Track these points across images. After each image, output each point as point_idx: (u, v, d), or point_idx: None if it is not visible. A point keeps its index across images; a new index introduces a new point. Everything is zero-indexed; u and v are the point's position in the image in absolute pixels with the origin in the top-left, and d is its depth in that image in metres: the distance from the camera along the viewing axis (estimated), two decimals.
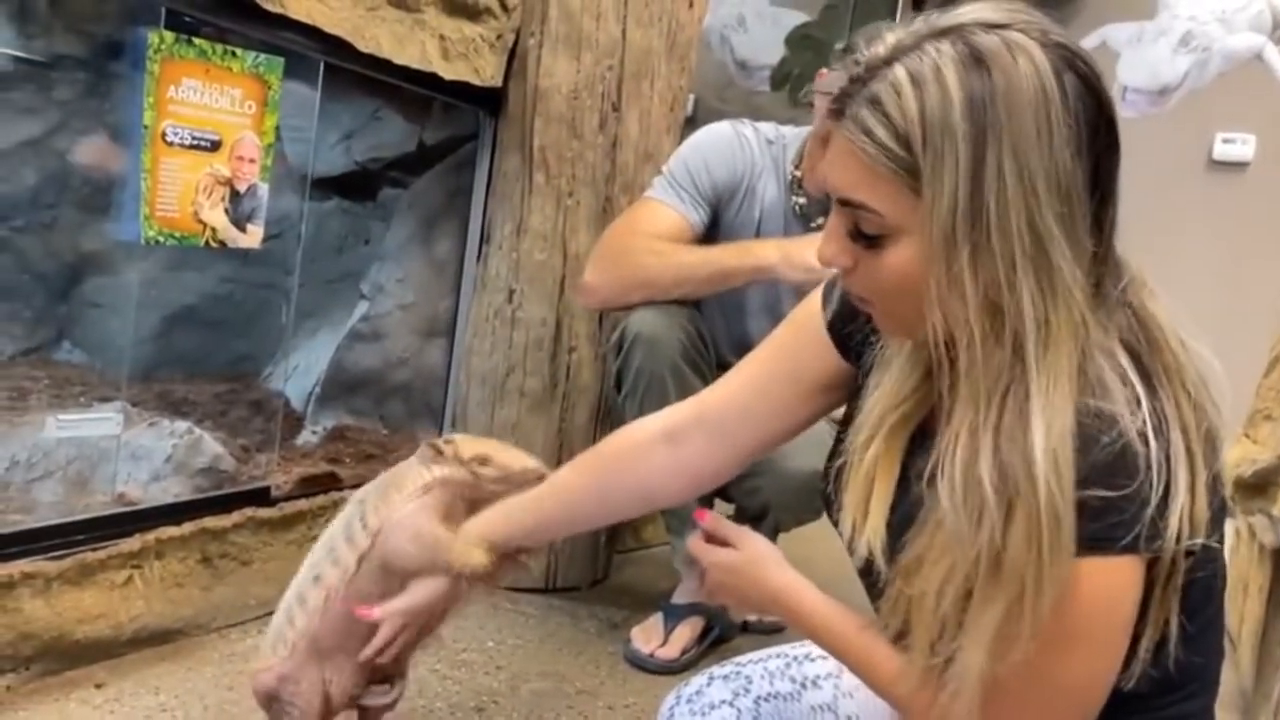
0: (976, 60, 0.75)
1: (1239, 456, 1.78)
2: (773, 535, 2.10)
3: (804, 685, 1.12)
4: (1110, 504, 0.74)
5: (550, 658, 1.83)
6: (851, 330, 0.99)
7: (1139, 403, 0.76)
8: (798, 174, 1.88)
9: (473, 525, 1.14)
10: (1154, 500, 0.74)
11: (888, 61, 0.78)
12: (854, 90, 0.80)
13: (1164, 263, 0.88)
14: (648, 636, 1.89)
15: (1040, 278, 0.75)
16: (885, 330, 0.91)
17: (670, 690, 1.20)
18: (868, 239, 0.82)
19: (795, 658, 1.21)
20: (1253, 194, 3.81)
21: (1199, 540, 0.77)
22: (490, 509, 1.15)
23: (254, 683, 1.21)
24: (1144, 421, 0.75)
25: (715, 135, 1.90)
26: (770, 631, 2.05)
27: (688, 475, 1.10)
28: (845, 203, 0.82)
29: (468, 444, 1.18)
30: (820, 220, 1.87)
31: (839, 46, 2.49)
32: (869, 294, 0.86)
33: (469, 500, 1.17)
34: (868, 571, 0.91)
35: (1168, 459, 0.75)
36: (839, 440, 0.97)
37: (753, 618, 2.08)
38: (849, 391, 1.02)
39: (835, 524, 0.95)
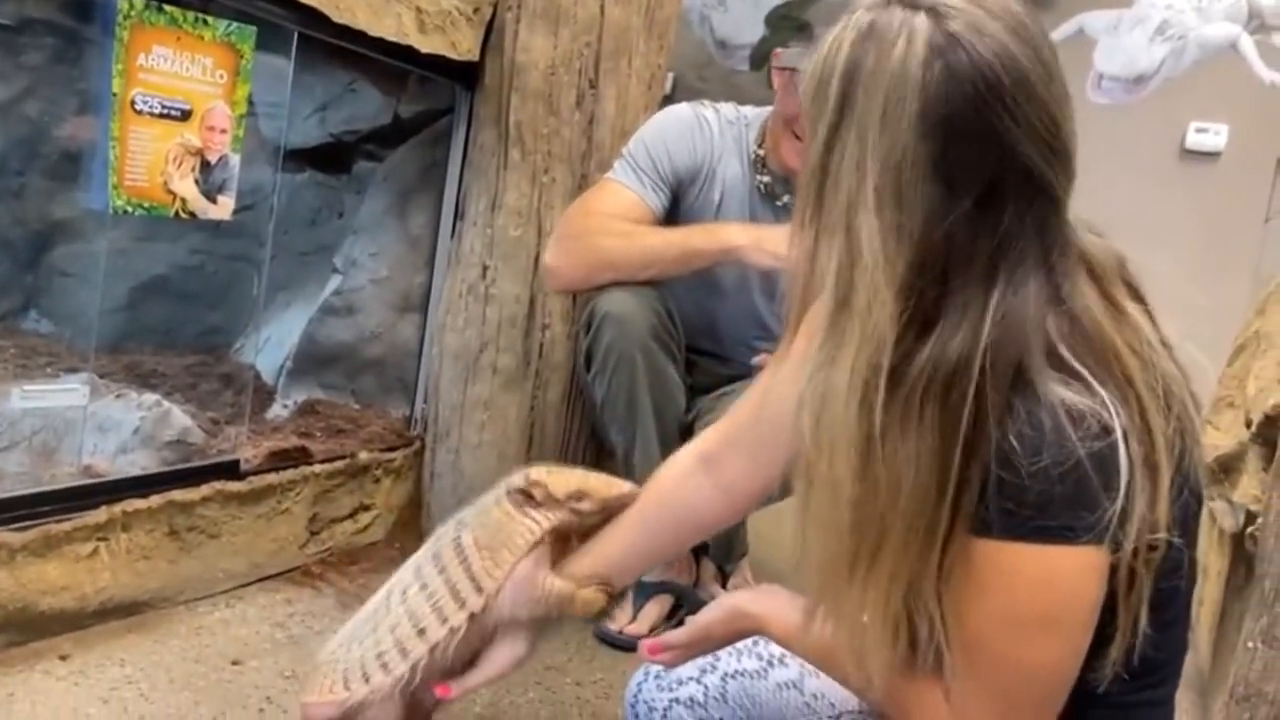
0: (866, 40, 0.80)
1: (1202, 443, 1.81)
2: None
3: (770, 662, 1.13)
4: (1062, 497, 0.75)
5: None
6: None
7: (1112, 415, 0.76)
8: (761, 153, 1.89)
9: (579, 568, 1.15)
10: (1119, 500, 0.75)
11: (839, 22, 0.84)
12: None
13: (1134, 251, 0.89)
14: (617, 614, 1.90)
15: (846, 243, 0.80)
16: None
17: (638, 667, 1.21)
18: None
19: (758, 640, 1.22)
20: (1224, 184, 3.85)
21: (1160, 536, 0.78)
22: (581, 561, 1.16)
23: (307, 710, 1.17)
24: (1118, 433, 0.76)
25: (676, 118, 1.90)
26: None
27: (730, 496, 1.12)
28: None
29: (557, 481, 1.14)
30: (786, 198, 1.88)
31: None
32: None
33: (565, 537, 1.17)
34: None
35: (1130, 460, 0.76)
36: None
37: (721, 594, 2.09)
38: None
39: None
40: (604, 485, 1.15)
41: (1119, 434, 0.76)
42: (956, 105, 0.77)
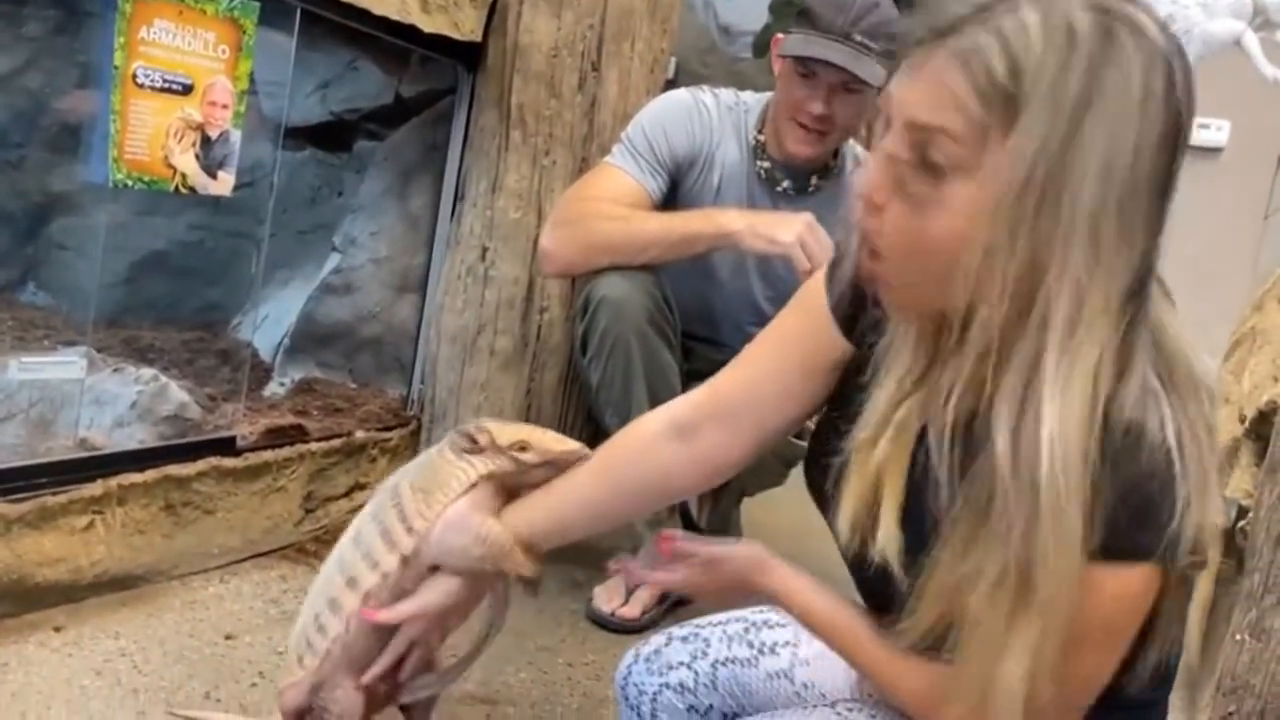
0: (1107, 28, 0.73)
1: None
2: (737, 500, 2.13)
3: (761, 651, 1.14)
4: (1139, 516, 0.75)
5: (512, 613, 1.83)
6: (856, 313, 0.97)
7: (1167, 417, 0.76)
8: (761, 138, 1.88)
9: (519, 526, 1.10)
10: (1177, 515, 0.75)
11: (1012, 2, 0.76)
12: (971, 19, 0.76)
13: None
14: (609, 596, 1.91)
15: (1089, 256, 0.73)
16: (890, 301, 0.87)
17: (629, 649, 1.22)
18: (928, 169, 0.77)
19: (754, 623, 1.22)
20: (1226, 180, 3.84)
21: (1210, 554, 0.78)
22: (521, 509, 1.11)
23: (282, 702, 1.14)
24: (1171, 437, 0.75)
25: (674, 103, 1.90)
26: None
27: (705, 467, 1.09)
28: (920, 127, 0.77)
29: (503, 430, 1.11)
30: (786, 184, 1.88)
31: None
32: (888, 247, 0.82)
33: (508, 488, 1.12)
34: (860, 567, 0.91)
35: (1187, 475, 0.75)
36: (831, 432, 0.94)
37: None
38: (851, 372, 1.00)
39: (829, 523, 0.92)
40: (552, 440, 1.12)
41: (1176, 453, 0.75)
42: (1182, 116, 0.75)
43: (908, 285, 0.83)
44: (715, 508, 2.10)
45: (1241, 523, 1.61)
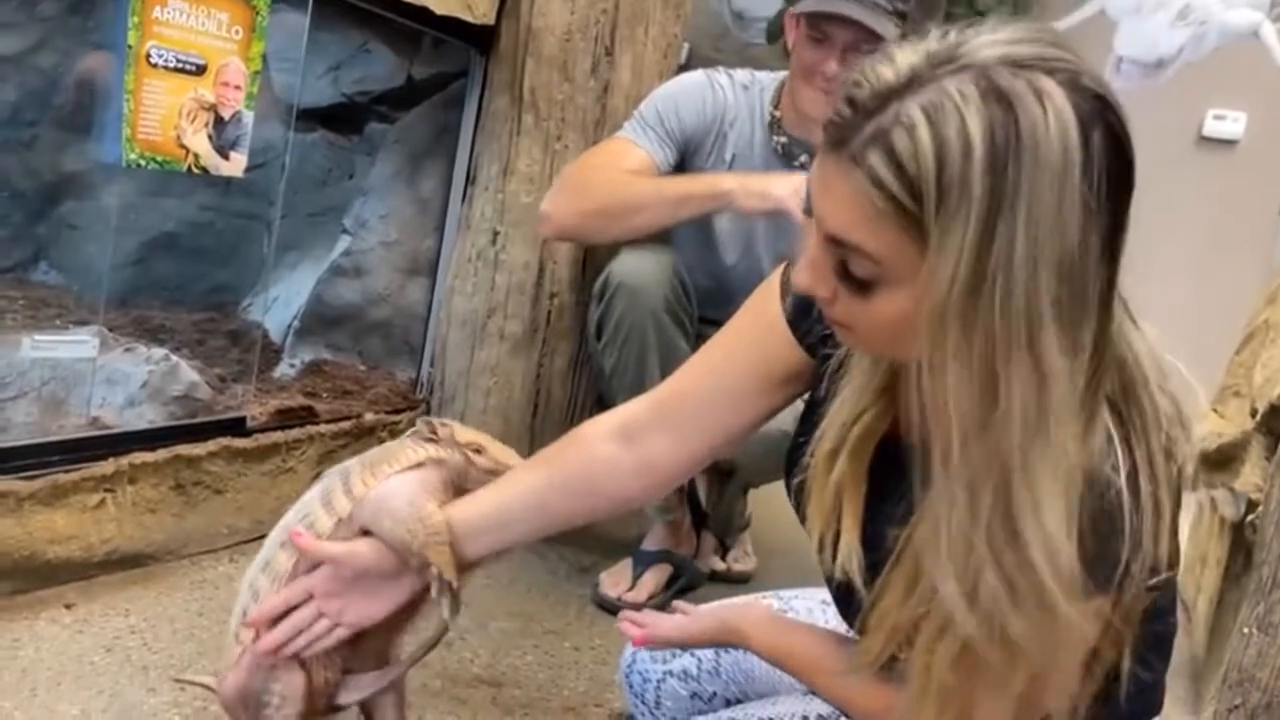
0: (1004, 113, 0.67)
1: (1206, 431, 1.81)
2: (742, 492, 2.13)
3: None
4: (1095, 557, 0.74)
5: (519, 598, 1.85)
6: (810, 324, 0.96)
7: (1119, 461, 0.75)
8: (777, 114, 1.89)
9: (456, 521, 1.05)
10: (1126, 551, 0.75)
11: (898, 94, 0.70)
12: (858, 122, 0.71)
13: (1149, 238, 0.88)
14: (616, 581, 1.91)
15: (1032, 367, 0.69)
16: (854, 347, 0.86)
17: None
18: (857, 281, 0.75)
19: None
20: (1241, 172, 3.82)
21: (1162, 575, 0.78)
22: (463, 504, 1.07)
23: (221, 691, 1.10)
24: (1123, 478, 0.74)
25: (688, 82, 1.90)
26: (737, 581, 2.08)
27: (648, 475, 1.06)
28: (838, 242, 0.75)
29: (464, 431, 1.11)
30: (804, 158, 1.88)
31: None
32: (851, 323, 0.80)
33: (454, 488, 1.10)
34: (831, 580, 0.92)
35: (1138, 511, 0.75)
36: (802, 442, 0.93)
37: (720, 566, 2.11)
38: (809, 382, 1.00)
39: (808, 532, 0.93)
40: (505, 454, 1.11)
41: (1129, 494, 0.74)
42: (1115, 168, 0.70)
43: (871, 346, 0.83)
44: (721, 498, 2.10)
45: (1251, 516, 1.61)
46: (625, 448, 1.06)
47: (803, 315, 0.97)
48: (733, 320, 1.06)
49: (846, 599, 0.92)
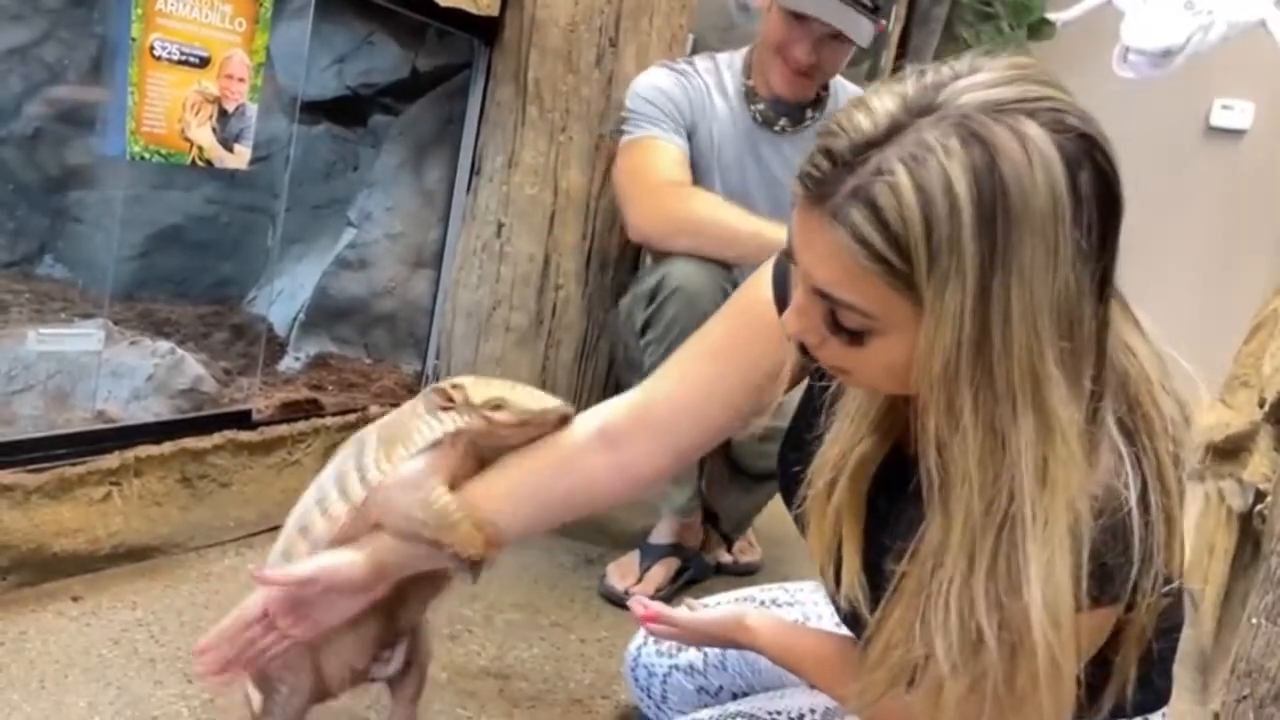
0: (987, 164, 0.66)
1: (1214, 421, 1.81)
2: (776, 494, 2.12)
3: None
4: (1106, 571, 0.74)
5: (525, 590, 1.85)
6: None
7: (1129, 477, 0.74)
8: (750, 83, 1.93)
9: (476, 500, 1.01)
10: (1138, 563, 0.74)
11: (878, 145, 0.68)
12: (838, 176, 0.70)
13: (1158, 228, 0.87)
14: (623, 573, 1.91)
15: (1038, 421, 0.69)
16: (852, 384, 0.85)
17: (639, 631, 1.22)
18: (848, 332, 0.74)
19: (763, 602, 1.23)
20: (1249, 161, 3.81)
21: (1174, 585, 0.78)
22: (479, 484, 1.04)
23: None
24: (1133, 492, 0.74)
25: (657, 74, 1.92)
26: (744, 573, 2.08)
27: (629, 477, 1.04)
28: (825, 296, 0.73)
29: (478, 387, 1.04)
30: (782, 122, 1.92)
31: None
32: (844, 367, 0.79)
33: (478, 451, 1.04)
34: (837, 607, 0.91)
35: (1149, 524, 0.74)
36: (798, 473, 0.91)
37: (726, 559, 2.11)
38: (800, 375, 0.98)
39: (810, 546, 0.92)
40: (528, 398, 1.04)
41: (1139, 510, 0.74)
42: (1104, 205, 0.69)
43: (870, 386, 0.82)
44: (739, 501, 2.09)
45: (1259, 507, 1.60)
46: (608, 452, 1.03)
47: None
48: (720, 314, 1.04)
49: (854, 623, 0.92)
